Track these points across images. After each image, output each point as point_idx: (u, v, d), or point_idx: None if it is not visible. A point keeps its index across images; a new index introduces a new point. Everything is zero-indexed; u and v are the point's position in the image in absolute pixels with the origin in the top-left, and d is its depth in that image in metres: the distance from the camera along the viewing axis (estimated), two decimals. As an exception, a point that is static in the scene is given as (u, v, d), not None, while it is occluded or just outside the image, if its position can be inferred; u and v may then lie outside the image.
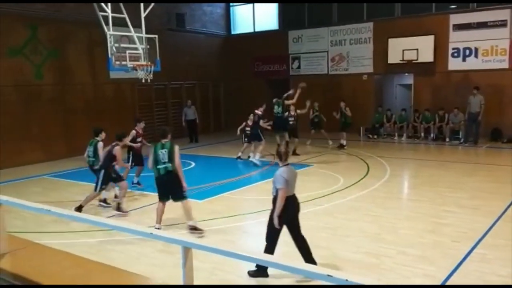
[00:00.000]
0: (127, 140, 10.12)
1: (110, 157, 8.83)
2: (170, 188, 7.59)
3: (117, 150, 8.85)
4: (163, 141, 7.65)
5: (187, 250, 3.16)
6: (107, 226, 4.06)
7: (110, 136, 9.68)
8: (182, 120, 18.58)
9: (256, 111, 13.82)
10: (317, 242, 7.11)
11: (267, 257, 3.03)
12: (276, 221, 5.82)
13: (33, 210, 4.67)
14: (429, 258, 6.37)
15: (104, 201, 9.58)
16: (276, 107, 13.98)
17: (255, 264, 5.79)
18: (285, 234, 7.71)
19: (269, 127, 13.96)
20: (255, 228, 8.05)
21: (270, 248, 5.97)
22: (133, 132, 10.86)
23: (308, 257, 5.98)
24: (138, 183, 11.06)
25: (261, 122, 13.76)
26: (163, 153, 7.47)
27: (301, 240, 6.05)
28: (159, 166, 7.47)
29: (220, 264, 6.18)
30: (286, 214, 5.90)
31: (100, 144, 9.51)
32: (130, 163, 10.70)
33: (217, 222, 8.22)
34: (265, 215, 8.40)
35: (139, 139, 10.93)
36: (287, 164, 6.02)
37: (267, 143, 13.66)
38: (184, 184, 7.61)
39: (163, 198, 7.68)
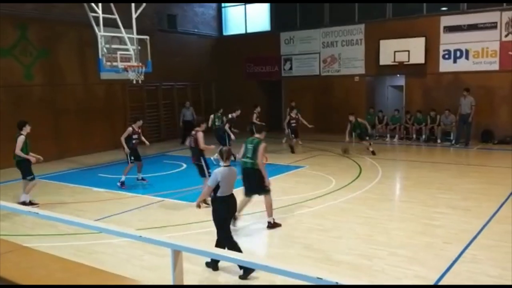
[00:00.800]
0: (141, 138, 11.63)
1: (196, 142, 9.37)
2: (251, 181, 7.82)
3: (200, 135, 9.34)
4: (256, 135, 7.97)
5: (177, 253, 3.12)
6: (96, 228, 4.01)
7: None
8: (180, 121, 18.51)
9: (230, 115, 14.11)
10: (310, 243, 7.11)
11: (255, 259, 3.00)
12: (197, 202, 6.58)
13: (21, 213, 4.60)
14: (421, 259, 6.37)
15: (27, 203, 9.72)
16: (216, 120, 13.98)
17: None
18: (275, 236, 7.70)
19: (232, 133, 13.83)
20: (248, 230, 8.02)
21: (230, 245, 5.97)
22: (129, 129, 11.22)
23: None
24: (143, 179, 11.60)
25: (226, 126, 13.86)
26: (249, 148, 7.77)
27: (230, 244, 6.00)
28: (244, 159, 7.83)
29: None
30: (224, 212, 6.16)
31: (20, 138, 9.91)
32: (129, 160, 11.21)
33: (209, 224, 8.13)
34: (259, 217, 8.42)
35: (135, 136, 11.29)
36: (228, 165, 6.29)
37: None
38: (267, 180, 7.79)
39: (246, 192, 7.94)
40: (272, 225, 7.85)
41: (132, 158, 11.24)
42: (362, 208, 8.93)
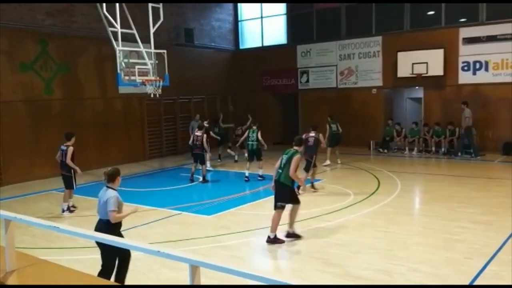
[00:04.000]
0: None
1: (317, 143, 11.63)
2: (276, 194, 7.85)
3: (322, 137, 12.07)
4: (294, 148, 8.00)
5: (194, 268, 3.10)
6: (114, 243, 4.01)
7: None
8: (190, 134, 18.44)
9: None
10: (328, 258, 7.02)
11: (275, 276, 2.95)
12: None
13: (41, 227, 4.63)
14: (442, 275, 6.24)
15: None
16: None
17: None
18: (292, 251, 7.62)
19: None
20: (263, 244, 7.97)
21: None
22: (71, 148, 10.03)
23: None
24: (70, 208, 10.38)
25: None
26: (282, 159, 7.84)
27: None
28: (279, 170, 7.83)
29: (227, 281, 6.09)
30: None
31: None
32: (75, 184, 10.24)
33: (225, 238, 8.15)
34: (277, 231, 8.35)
35: None
36: (106, 186, 5.97)
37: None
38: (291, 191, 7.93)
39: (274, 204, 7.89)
40: (272, 241, 7.80)
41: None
42: (381, 222, 8.81)
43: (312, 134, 11.78)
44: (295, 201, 7.92)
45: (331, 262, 6.85)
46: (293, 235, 7.94)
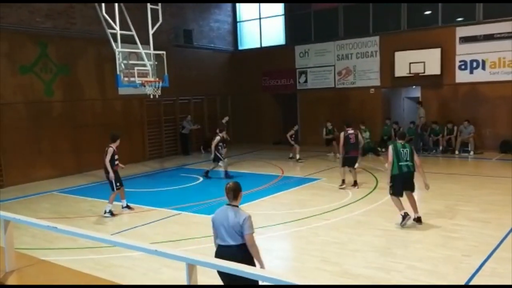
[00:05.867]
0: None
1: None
2: (408, 184, 8.55)
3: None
4: (399, 141, 8.70)
5: (191, 266, 3.15)
6: (112, 243, 4.06)
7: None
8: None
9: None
10: (327, 257, 7.07)
11: (271, 274, 3.01)
12: None
13: (40, 227, 4.69)
14: (440, 273, 6.29)
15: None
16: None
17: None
18: (292, 249, 7.66)
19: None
20: (262, 243, 7.98)
21: None
22: (111, 149, 9.95)
23: None
24: (128, 206, 10.52)
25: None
26: (404, 152, 8.48)
27: None
28: (401, 163, 8.42)
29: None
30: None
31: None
32: (116, 185, 10.03)
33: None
34: (272, 230, 8.41)
35: (116, 157, 10.06)
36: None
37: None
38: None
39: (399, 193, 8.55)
40: (418, 219, 8.49)
41: (118, 183, 10.05)
42: (379, 220, 8.86)
43: (351, 131, 12.03)
44: None
45: (331, 261, 6.90)
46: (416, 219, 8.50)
